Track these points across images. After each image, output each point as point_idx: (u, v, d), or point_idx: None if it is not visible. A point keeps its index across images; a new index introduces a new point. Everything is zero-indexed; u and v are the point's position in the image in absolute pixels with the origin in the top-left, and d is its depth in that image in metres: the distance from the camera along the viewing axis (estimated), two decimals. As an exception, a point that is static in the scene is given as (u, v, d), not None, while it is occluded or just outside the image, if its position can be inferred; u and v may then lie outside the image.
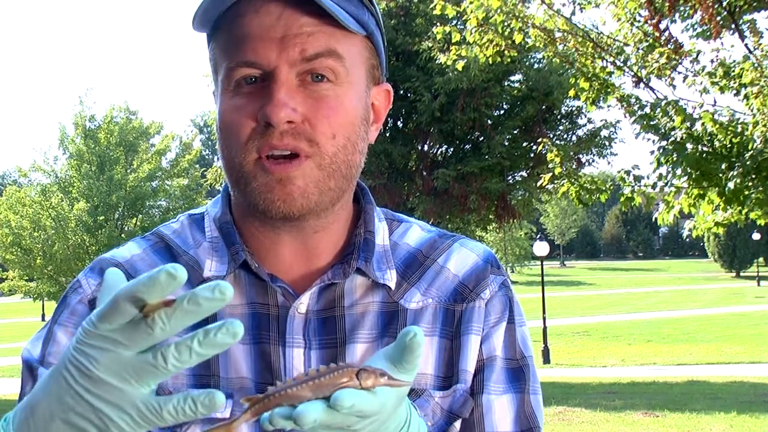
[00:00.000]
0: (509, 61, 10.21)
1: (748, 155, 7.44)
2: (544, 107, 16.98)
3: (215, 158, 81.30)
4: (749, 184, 7.63)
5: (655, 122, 8.01)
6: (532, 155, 16.76)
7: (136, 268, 0.99)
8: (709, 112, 7.73)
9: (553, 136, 17.07)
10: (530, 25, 8.74)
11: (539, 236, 26.62)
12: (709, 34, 8.35)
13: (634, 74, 8.67)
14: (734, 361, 19.52)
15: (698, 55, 8.35)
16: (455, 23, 12.25)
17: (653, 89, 8.69)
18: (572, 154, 15.27)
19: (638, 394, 13.75)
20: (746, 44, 8.30)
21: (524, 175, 18.01)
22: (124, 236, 20.60)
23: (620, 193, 8.64)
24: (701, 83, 8.08)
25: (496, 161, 16.74)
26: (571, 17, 8.80)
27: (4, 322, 42.72)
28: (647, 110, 8.29)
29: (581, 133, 17.62)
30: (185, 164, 22.93)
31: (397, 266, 1.01)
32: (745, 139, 7.51)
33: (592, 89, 8.71)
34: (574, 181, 8.91)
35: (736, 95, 8.01)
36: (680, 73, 8.40)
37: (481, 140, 17.37)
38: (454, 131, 16.95)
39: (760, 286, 52.80)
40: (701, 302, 40.82)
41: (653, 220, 9.11)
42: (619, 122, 17.62)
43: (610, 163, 20.18)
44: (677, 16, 8.64)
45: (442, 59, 10.14)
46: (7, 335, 33.85)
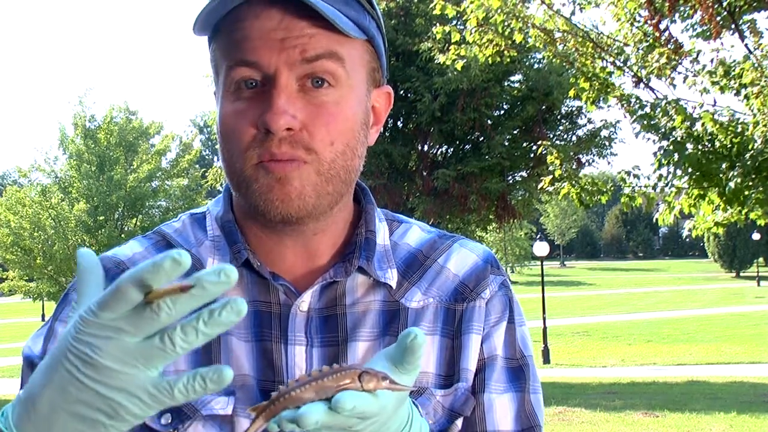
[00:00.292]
0: (509, 61, 10.21)
1: (748, 155, 7.44)
2: (544, 107, 16.98)
3: (215, 158, 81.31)
4: (749, 184, 7.63)
5: (655, 122, 8.01)
6: (532, 155, 16.76)
7: None
8: (709, 112, 7.73)
9: (553, 136, 17.07)
10: (530, 25, 8.74)
11: (539, 236, 26.63)
12: (709, 34, 8.36)
13: (634, 74, 8.67)
14: (734, 361, 19.52)
15: (698, 55, 8.36)
16: (455, 23, 12.25)
17: (653, 89, 8.71)
18: (572, 154, 15.27)
19: (638, 394, 13.75)
20: (746, 44, 8.31)
21: (524, 175, 18.01)
22: (123, 236, 20.60)
23: (621, 193, 8.64)
24: (701, 83, 8.08)
25: (496, 161, 16.74)
26: (571, 17, 8.80)
27: (4, 322, 42.73)
28: (647, 110, 8.29)
29: (581, 133, 17.62)
30: (185, 164, 22.94)
31: (397, 266, 1.02)
32: (745, 139, 7.52)
33: (592, 89, 8.72)
34: (574, 183, 8.91)
35: (736, 95, 8.02)
36: (680, 73, 8.41)
37: (481, 140, 17.37)
38: (454, 131, 16.95)
39: (760, 286, 52.83)
40: (701, 302, 40.83)
41: (653, 220, 9.11)
42: (619, 122, 17.63)
43: (610, 163, 20.17)
44: (677, 16, 8.65)
45: (441, 59, 10.14)
46: (7, 335, 33.86)
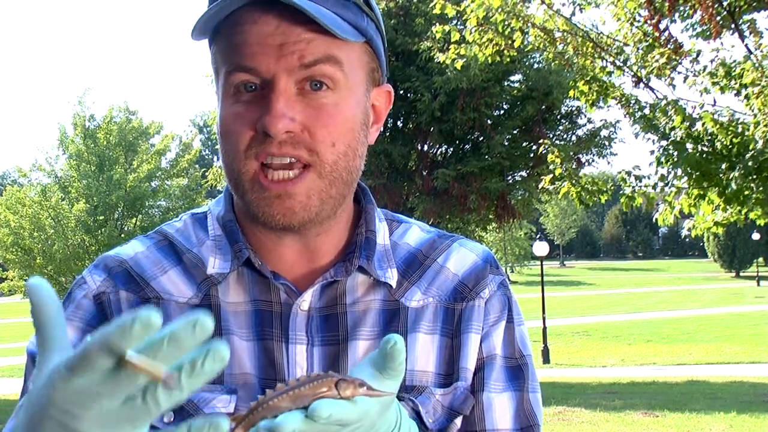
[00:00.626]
0: (509, 61, 10.21)
1: (748, 155, 7.44)
2: (543, 107, 16.98)
3: (215, 158, 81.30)
4: (750, 184, 7.63)
5: (654, 122, 8.01)
6: (532, 155, 16.77)
7: (140, 265, 1.00)
8: (709, 112, 7.73)
9: (552, 136, 17.07)
10: (530, 24, 8.75)
11: (539, 236, 26.65)
12: (709, 34, 8.36)
13: (633, 74, 8.67)
14: (734, 361, 19.52)
15: (698, 55, 8.36)
16: (455, 23, 12.26)
17: (653, 89, 8.71)
18: (572, 154, 15.27)
19: (638, 394, 13.75)
20: (746, 44, 8.31)
21: (524, 175, 18.01)
22: (123, 236, 20.59)
23: (621, 193, 8.64)
24: (702, 83, 8.08)
25: (496, 161, 16.74)
26: (571, 17, 8.80)
27: (4, 322, 42.72)
28: (647, 111, 8.29)
29: (581, 133, 17.62)
30: (185, 164, 22.93)
31: (397, 265, 1.02)
32: (745, 139, 7.52)
33: (591, 92, 8.72)
34: (575, 182, 8.92)
35: (736, 95, 8.02)
36: (680, 73, 8.41)
37: (481, 140, 17.37)
38: (453, 131, 16.95)
39: (759, 286, 52.80)
40: (701, 302, 40.81)
41: (653, 220, 9.11)
42: (619, 122, 17.62)
43: (610, 163, 20.18)
44: (677, 16, 8.65)
45: (441, 58, 10.14)
46: (7, 335, 33.83)
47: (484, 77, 15.35)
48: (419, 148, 17.70)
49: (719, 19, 8.15)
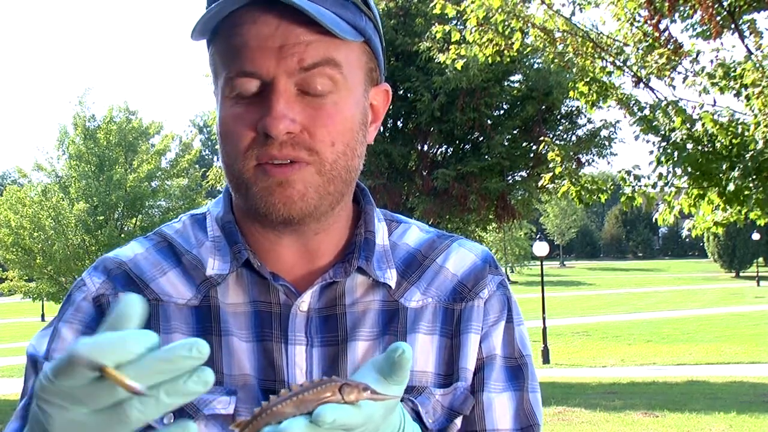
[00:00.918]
0: (509, 61, 10.22)
1: (748, 156, 7.44)
2: (543, 107, 16.98)
3: (215, 158, 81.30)
4: (750, 184, 7.63)
5: (655, 123, 8.01)
6: (532, 155, 16.77)
7: (140, 267, 1.00)
8: (709, 112, 7.73)
9: (552, 136, 17.05)
10: (530, 24, 8.74)
11: (539, 236, 26.66)
12: (709, 34, 8.36)
13: (633, 74, 8.67)
14: (734, 361, 19.52)
15: (698, 55, 8.35)
16: (455, 23, 12.25)
17: (653, 89, 8.70)
18: (572, 154, 15.26)
19: (638, 394, 13.75)
20: (746, 45, 8.31)
21: (524, 175, 18.01)
22: (123, 236, 20.58)
23: (621, 193, 8.64)
24: (701, 84, 8.08)
25: (496, 161, 16.74)
26: (571, 17, 8.80)
27: (4, 322, 42.73)
28: (647, 112, 8.29)
29: (581, 133, 17.61)
30: (185, 164, 22.91)
31: (397, 266, 1.02)
32: (745, 139, 7.51)
33: (591, 92, 8.72)
34: (574, 181, 8.91)
35: (736, 96, 8.01)
36: (680, 73, 8.40)
37: (480, 140, 17.37)
38: (453, 131, 16.94)
39: (759, 286, 52.82)
40: (701, 302, 40.83)
41: (653, 220, 9.11)
42: (618, 122, 17.62)
43: (609, 163, 20.19)
44: (677, 16, 8.64)
45: (441, 58, 10.14)
46: (7, 335, 33.85)
47: (484, 77, 15.34)
48: (419, 148, 17.70)
49: (719, 19, 8.15)
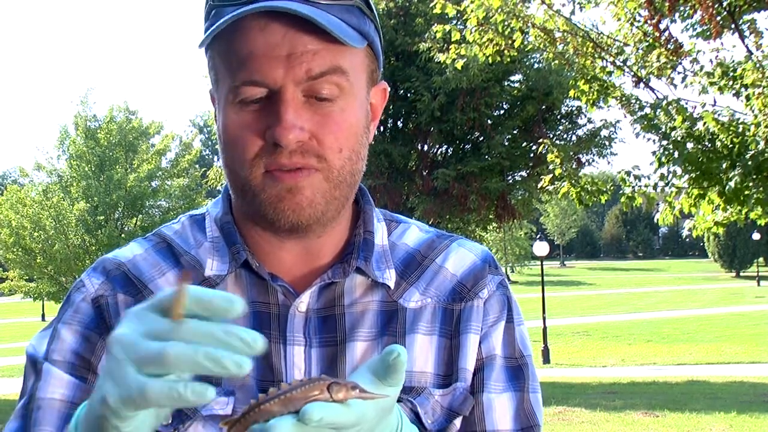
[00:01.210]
0: (509, 61, 10.21)
1: (749, 155, 7.44)
2: (544, 107, 16.98)
3: (215, 158, 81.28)
4: (750, 184, 7.62)
5: (655, 122, 8.01)
6: (532, 155, 16.76)
7: (138, 267, 1.00)
8: (710, 111, 7.72)
9: (553, 136, 17.06)
10: (530, 24, 8.74)
11: (539, 236, 26.65)
12: (709, 34, 8.35)
13: (633, 74, 8.67)
14: (734, 361, 19.53)
15: (698, 55, 8.35)
16: (455, 22, 12.25)
17: (653, 89, 8.70)
18: (572, 154, 15.26)
19: (638, 394, 13.75)
20: (746, 45, 8.30)
21: (524, 175, 18.02)
22: (124, 236, 20.58)
23: (621, 193, 8.64)
24: (700, 83, 8.07)
25: (496, 161, 16.74)
26: (570, 17, 8.80)
27: (4, 322, 42.73)
28: (647, 110, 8.29)
29: (581, 133, 17.62)
30: (185, 164, 22.90)
31: (396, 266, 1.02)
32: (746, 139, 7.51)
33: (591, 91, 8.71)
34: (574, 182, 8.91)
35: (735, 96, 8.01)
36: (680, 73, 8.40)
37: (481, 140, 17.37)
38: (453, 131, 16.95)
39: (760, 286, 52.83)
40: (701, 302, 40.83)
41: (653, 220, 9.11)
42: (619, 122, 17.65)
43: (610, 163, 20.20)
44: (677, 16, 8.64)
45: (441, 58, 10.14)
46: (7, 335, 33.86)
47: (484, 77, 15.35)
48: (419, 148, 17.70)
49: (719, 19, 8.15)
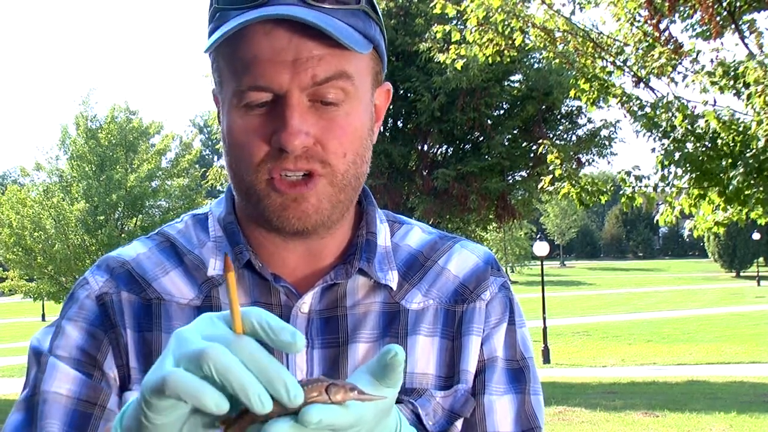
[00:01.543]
0: (509, 61, 10.22)
1: (750, 154, 7.44)
2: (544, 107, 16.98)
3: (215, 158, 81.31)
4: (751, 183, 7.62)
5: (656, 120, 8.01)
6: (532, 155, 16.77)
7: (142, 266, 1.00)
8: (711, 110, 7.73)
9: (553, 136, 17.07)
10: (530, 24, 8.75)
11: (539, 236, 26.64)
12: (709, 34, 8.36)
13: (633, 74, 8.67)
14: (734, 361, 19.53)
15: (698, 55, 8.35)
16: (455, 22, 12.26)
17: (653, 89, 8.71)
18: (572, 154, 15.27)
19: (638, 394, 13.75)
20: (746, 44, 8.31)
21: (524, 175, 18.02)
22: (124, 236, 20.58)
23: (621, 193, 8.64)
24: (701, 83, 8.08)
25: (496, 161, 16.74)
26: (571, 17, 8.81)
27: (4, 322, 42.74)
28: (648, 110, 8.29)
29: (581, 132, 17.62)
30: (185, 164, 22.89)
31: (398, 267, 1.02)
32: (747, 137, 7.51)
33: (592, 90, 8.72)
34: (575, 183, 8.91)
35: (735, 95, 8.01)
36: (680, 73, 8.41)
37: (481, 140, 17.37)
38: (453, 131, 16.95)
39: (760, 286, 52.83)
40: (701, 302, 40.83)
41: (653, 220, 9.11)
42: (619, 122, 17.65)
43: (610, 163, 20.20)
44: (677, 16, 8.65)
45: (441, 58, 10.14)
46: (7, 335, 33.88)
47: (484, 77, 15.35)
48: (419, 148, 17.70)
49: (719, 19, 8.15)
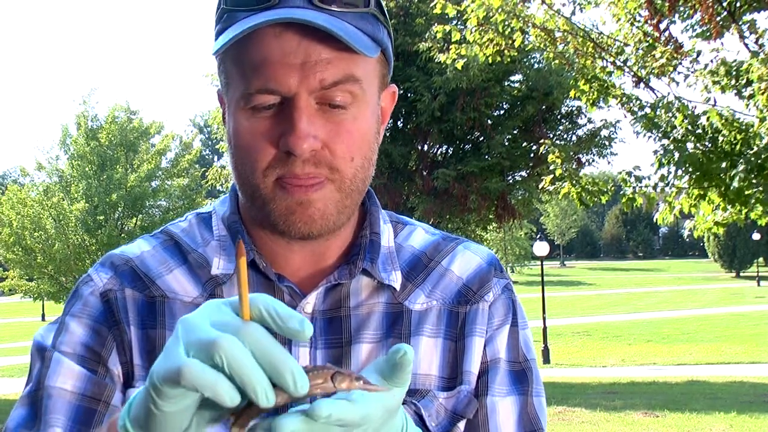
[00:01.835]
0: (509, 61, 10.22)
1: (751, 152, 7.44)
2: (544, 107, 16.97)
3: (215, 158, 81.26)
4: (752, 182, 7.62)
5: (656, 120, 8.01)
6: (532, 155, 16.76)
7: (146, 264, 1.00)
8: (714, 108, 7.73)
9: (553, 136, 17.06)
10: (530, 24, 8.75)
11: (539, 236, 26.62)
12: (709, 34, 8.36)
13: (633, 74, 8.67)
14: (734, 361, 19.52)
15: (698, 55, 8.36)
16: (455, 22, 12.26)
17: (653, 89, 8.71)
18: (572, 154, 15.26)
19: (638, 394, 13.75)
20: (746, 44, 8.31)
21: (524, 175, 18.01)
22: (124, 236, 20.57)
23: (621, 193, 8.64)
24: (703, 82, 8.08)
25: (496, 161, 16.74)
26: (571, 17, 8.81)
27: (4, 322, 42.73)
28: (647, 110, 8.29)
29: (581, 133, 17.61)
30: (185, 164, 22.89)
31: (401, 268, 1.02)
32: (749, 136, 7.51)
33: (592, 91, 8.72)
34: (575, 182, 8.91)
35: (737, 95, 8.01)
36: (680, 73, 8.41)
37: (481, 140, 17.37)
38: (454, 131, 16.94)
39: (760, 286, 52.84)
40: (701, 302, 40.83)
41: (653, 220, 9.11)
42: (619, 122, 17.63)
43: (610, 163, 20.15)
44: (677, 16, 8.65)
45: (441, 58, 10.14)
46: (7, 335, 33.87)
47: (484, 77, 15.34)
48: (419, 148, 17.69)
49: (719, 19, 8.15)
